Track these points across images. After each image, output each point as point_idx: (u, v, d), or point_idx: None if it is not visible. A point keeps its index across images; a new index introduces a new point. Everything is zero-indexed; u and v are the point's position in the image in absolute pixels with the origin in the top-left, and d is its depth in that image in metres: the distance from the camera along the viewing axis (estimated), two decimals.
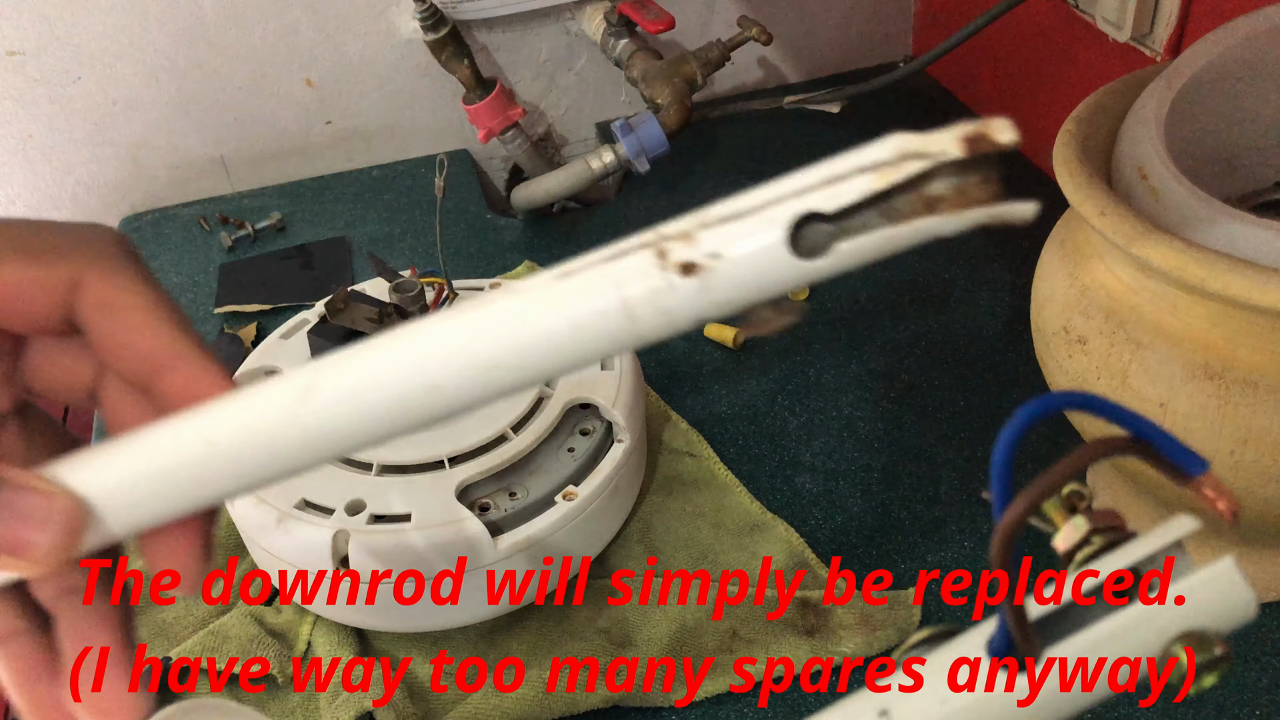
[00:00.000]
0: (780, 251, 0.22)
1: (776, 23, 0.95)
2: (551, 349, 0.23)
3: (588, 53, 0.92)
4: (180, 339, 0.26)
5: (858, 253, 0.22)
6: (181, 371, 0.26)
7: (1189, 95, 0.47)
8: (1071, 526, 0.27)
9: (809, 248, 0.22)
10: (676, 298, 0.23)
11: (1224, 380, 0.42)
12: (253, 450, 0.24)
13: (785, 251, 0.22)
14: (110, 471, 0.25)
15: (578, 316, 0.23)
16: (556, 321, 0.23)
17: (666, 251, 0.23)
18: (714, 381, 0.68)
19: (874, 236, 0.22)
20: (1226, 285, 0.39)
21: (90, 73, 0.82)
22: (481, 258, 0.80)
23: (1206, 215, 0.42)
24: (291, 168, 0.91)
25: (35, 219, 0.26)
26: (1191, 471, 0.23)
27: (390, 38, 0.87)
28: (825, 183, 0.22)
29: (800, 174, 0.23)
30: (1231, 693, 0.48)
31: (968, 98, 0.94)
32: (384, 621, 0.52)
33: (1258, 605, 0.25)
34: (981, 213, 0.22)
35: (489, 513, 0.51)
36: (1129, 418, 0.23)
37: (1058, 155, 0.47)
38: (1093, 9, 0.72)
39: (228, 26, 0.83)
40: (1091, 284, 0.46)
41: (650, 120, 0.76)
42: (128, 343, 0.25)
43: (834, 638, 0.50)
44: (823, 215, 0.22)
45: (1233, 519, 0.23)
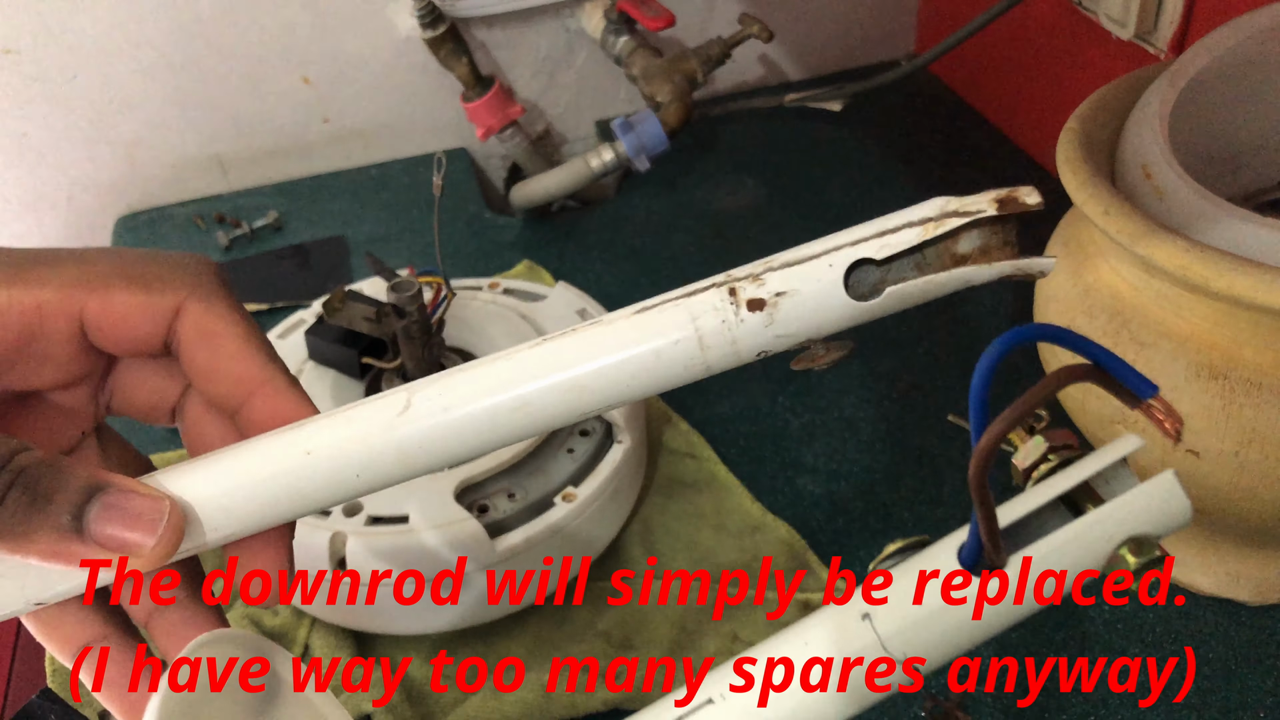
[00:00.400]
0: (837, 292, 0.25)
1: (778, 20, 0.95)
2: (630, 373, 0.26)
3: (587, 50, 0.92)
4: (270, 367, 0.29)
5: (904, 296, 0.25)
6: (270, 397, 0.28)
7: (1193, 93, 0.47)
8: (1031, 446, 0.30)
9: (862, 291, 0.25)
10: (744, 330, 0.25)
11: (1228, 380, 0.42)
12: (348, 461, 0.26)
13: (841, 292, 0.25)
14: (208, 480, 0.27)
15: (657, 345, 0.26)
16: (637, 349, 0.26)
17: (737, 290, 0.26)
18: (715, 382, 0.67)
19: (918, 283, 0.25)
20: (1231, 285, 0.39)
21: (86, 71, 0.82)
22: (480, 257, 0.80)
23: (1211, 214, 0.42)
24: (289, 166, 0.91)
25: (142, 249, 0.29)
26: (1142, 394, 0.26)
27: (388, 35, 0.87)
28: (877, 234, 0.25)
29: (856, 228, 0.26)
30: (1234, 694, 0.48)
31: (970, 96, 0.93)
32: (383, 623, 0.51)
33: (1192, 512, 0.28)
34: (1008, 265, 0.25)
35: (488, 514, 0.51)
36: (1089, 347, 0.26)
37: (1061, 154, 0.46)
38: (1096, 6, 0.72)
39: (224, 24, 0.83)
40: (1095, 283, 0.46)
41: (650, 118, 0.76)
42: (222, 368, 0.28)
43: None
44: (873, 261, 0.25)
45: (1176, 437, 0.26)
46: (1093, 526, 0.28)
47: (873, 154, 0.87)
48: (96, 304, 0.27)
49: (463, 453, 0.27)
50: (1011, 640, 0.51)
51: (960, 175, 0.84)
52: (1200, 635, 0.50)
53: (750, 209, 0.83)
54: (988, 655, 0.50)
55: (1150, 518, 0.28)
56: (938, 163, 0.86)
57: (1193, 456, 0.44)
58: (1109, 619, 0.51)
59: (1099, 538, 0.28)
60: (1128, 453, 0.28)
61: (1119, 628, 0.51)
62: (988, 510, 0.27)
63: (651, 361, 0.26)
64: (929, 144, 0.88)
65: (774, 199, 0.83)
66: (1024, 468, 0.31)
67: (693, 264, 0.77)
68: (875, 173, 0.85)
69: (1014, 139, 0.88)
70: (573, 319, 0.61)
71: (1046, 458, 0.30)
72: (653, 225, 0.81)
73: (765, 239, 0.79)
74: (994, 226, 0.25)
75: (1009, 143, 0.87)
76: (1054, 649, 0.50)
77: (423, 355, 0.56)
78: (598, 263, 0.78)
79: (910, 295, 0.25)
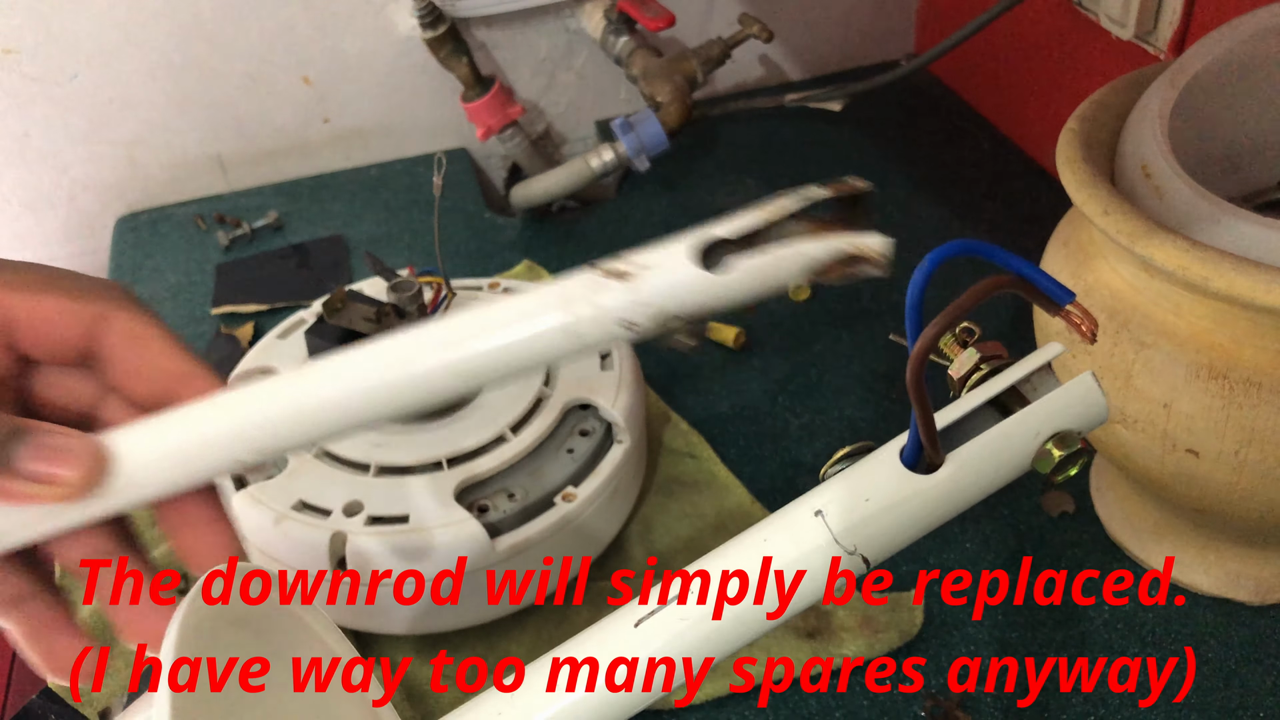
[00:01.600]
0: (690, 266, 0.29)
1: (777, 20, 0.95)
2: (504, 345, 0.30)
3: (587, 50, 0.92)
4: (196, 363, 0.31)
5: (751, 270, 0.29)
6: (196, 387, 0.31)
7: (1193, 93, 0.47)
8: (964, 357, 0.34)
9: (714, 265, 0.29)
10: (609, 298, 0.29)
11: (1228, 380, 0.42)
12: (258, 420, 0.30)
13: (693, 266, 0.29)
14: (129, 434, 0.30)
15: (530, 317, 0.29)
16: (511, 322, 0.30)
17: (604, 267, 0.30)
18: (714, 382, 0.67)
19: (763, 257, 0.29)
20: (1230, 285, 0.39)
21: (87, 71, 0.82)
22: (480, 257, 0.80)
23: (1210, 214, 0.42)
24: (289, 166, 0.91)
25: (64, 268, 0.32)
26: (1060, 301, 0.29)
27: (388, 35, 0.87)
28: (732, 220, 0.29)
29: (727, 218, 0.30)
30: (1234, 694, 0.48)
31: (970, 95, 0.93)
32: (383, 623, 0.51)
33: (1108, 411, 0.31)
34: (839, 240, 0.28)
35: (488, 514, 0.51)
36: (1012, 260, 0.29)
37: (1061, 154, 0.46)
38: (1096, 6, 0.72)
39: (225, 24, 0.83)
40: (1095, 283, 0.46)
41: (650, 118, 0.76)
42: (151, 365, 0.31)
43: (835, 639, 0.50)
44: (728, 242, 0.29)
45: (1091, 338, 0.29)
46: (1020, 424, 0.30)
47: (872, 154, 0.87)
48: (26, 307, 0.29)
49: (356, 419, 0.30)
50: (1011, 640, 0.51)
51: (960, 175, 0.84)
52: (1200, 635, 0.50)
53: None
54: (988, 655, 0.50)
55: (1072, 415, 0.30)
56: (937, 163, 0.86)
57: (1192, 456, 0.44)
58: (1109, 619, 0.51)
59: (1026, 434, 0.30)
60: (1051, 359, 0.31)
61: (1119, 628, 0.51)
62: (925, 412, 0.29)
63: (525, 330, 0.29)
64: (929, 144, 0.88)
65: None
66: (958, 377, 0.33)
67: None
68: (875, 173, 0.85)
69: (1013, 139, 0.88)
70: None
71: (979, 368, 0.33)
72: (653, 225, 0.81)
73: None
74: (831, 210, 0.28)
75: (1008, 143, 0.87)
76: (1054, 649, 0.50)
77: None
78: None
79: (758, 270, 0.29)
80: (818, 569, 0.31)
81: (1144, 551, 0.53)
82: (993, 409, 0.32)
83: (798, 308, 0.72)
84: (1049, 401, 0.30)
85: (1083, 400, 0.31)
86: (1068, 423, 0.30)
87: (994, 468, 0.31)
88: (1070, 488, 0.58)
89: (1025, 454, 0.30)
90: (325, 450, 0.54)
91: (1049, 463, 0.30)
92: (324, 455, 0.54)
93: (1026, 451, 0.30)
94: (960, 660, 0.50)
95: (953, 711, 0.48)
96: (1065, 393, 0.30)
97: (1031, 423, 0.30)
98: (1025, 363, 0.32)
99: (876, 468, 0.31)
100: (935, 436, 0.30)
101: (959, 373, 0.33)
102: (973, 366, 0.33)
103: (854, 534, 0.31)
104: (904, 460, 0.31)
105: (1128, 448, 0.46)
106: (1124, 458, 0.47)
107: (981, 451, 0.30)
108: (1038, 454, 0.30)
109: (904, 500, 0.31)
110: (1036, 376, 0.31)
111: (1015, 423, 0.30)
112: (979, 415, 0.32)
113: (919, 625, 0.51)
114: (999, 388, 0.31)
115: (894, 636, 0.50)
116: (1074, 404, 0.30)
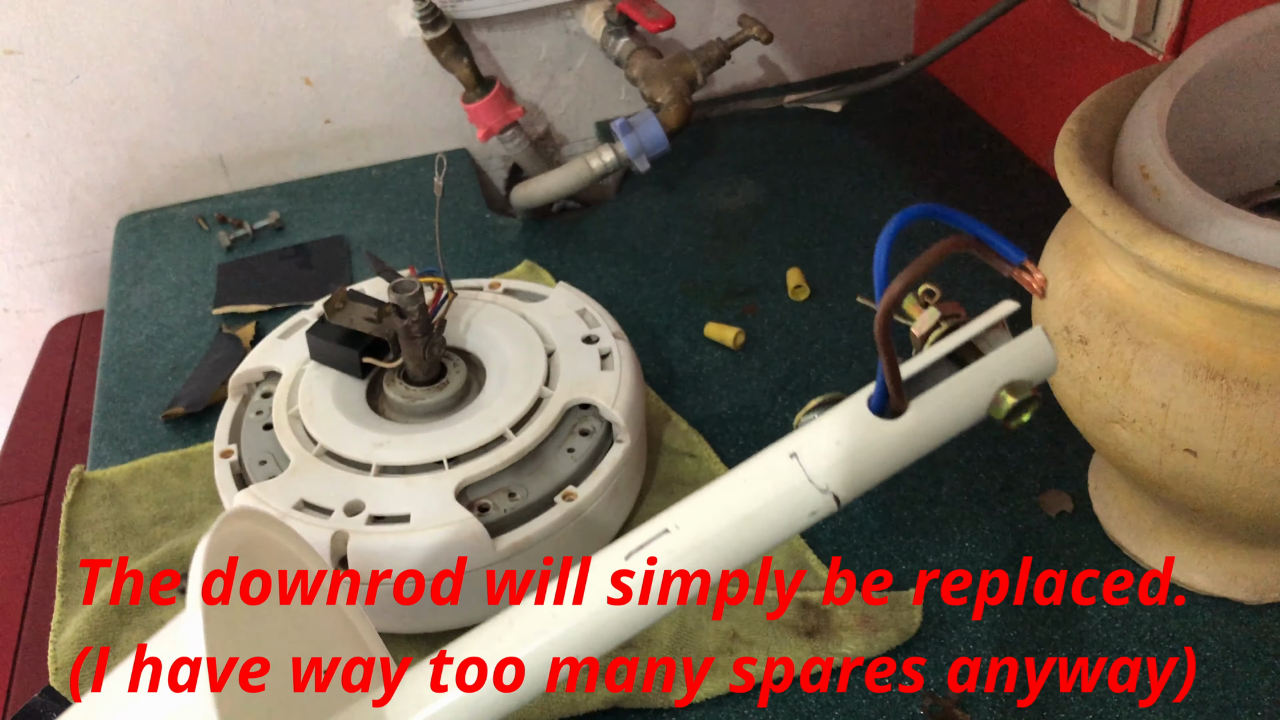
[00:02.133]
0: None
1: (777, 21, 0.95)
2: None
3: (587, 51, 0.92)
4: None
5: None
6: None
7: (1191, 94, 0.47)
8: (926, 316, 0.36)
9: None
10: None
11: (1226, 380, 0.42)
12: None
13: None
14: None
15: None
16: None
17: None
18: (714, 381, 0.67)
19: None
20: (1228, 285, 0.39)
21: (88, 72, 0.82)
22: (481, 257, 0.80)
23: (1208, 215, 0.42)
24: (290, 167, 0.91)
25: None
26: (1013, 260, 0.31)
27: (389, 36, 0.87)
28: None
29: None
30: (1234, 693, 0.48)
31: (969, 97, 0.94)
32: (383, 622, 0.51)
33: (1056, 361, 0.34)
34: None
35: (488, 513, 0.51)
36: (967, 221, 0.31)
37: (1059, 154, 0.47)
38: (1094, 7, 0.72)
39: (226, 25, 0.83)
40: (1093, 284, 0.46)
41: (650, 119, 0.76)
42: None
43: (835, 639, 0.50)
44: None
45: (1042, 293, 0.32)
46: (975, 374, 0.33)
47: (871, 155, 0.88)
48: None
49: None
50: (1011, 640, 0.51)
51: (958, 176, 0.84)
52: (1199, 634, 0.51)
53: (750, 209, 0.83)
54: (987, 655, 0.50)
55: (1023, 366, 0.33)
56: (936, 164, 0.86)
57: (1190, 456, 0.44)
58: (1108, 619, 0.51)
59: (981, 383, 0.33)
60: (1004, 315, 0.34)
61: (1118, 627, 0.51)
62: (891, 362, 0.32)
63: None
64: (927, 145, 0.89)
65: (774, 199, 0.84)
66: (920, 335, 0.36)
67: (693, 264, 0.77)
68: (874, 174, 0.85)
69: (1012, 140, 0.88)
70: (573, 319, 0.62)
71: (939, 325, 0.36)
72: (653, 225, 0.82)
73: (765, 239, 0.79)
74: None
75: (1007, 144, 0.87)
76: (1053, 649, 0.50)
77: (424, 355, 0.56)
78: (598, 263, 0.78)
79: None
80: (793, 506, 0.34)
81: (1143, 551, 0.53)
82: (951, 361, 0.34)
83: (798, 308, 0.72)
84: (1002, 354, 0.33)
85: (1033, 352, 0.33)
86: (1019, 373, 0.33)
87: (953, 413, 0.34)
88: (1070, 488, 0.58)
89: (981, 401, 0.33)
90: (327, 450, 0.54)
91: (1002, 409, 0.32)
92: (325, 455, 0.54)
93: (982, 399, 0.33)
94: (960, 660, 0.50)
95: (952, 711, 0.48)
96: (1017, 346, 0.33)
97: (986, 373, 0.33)
98: (981, 320, 0.34)
99: (846, 414, 0.34)
100: (900, 385, 0.33)
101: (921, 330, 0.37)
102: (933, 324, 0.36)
103: (826, 474, 0.34)
104: (871, 407, 0.34)
105: (1126, 447, 0.46)
106: (1122, 457, 0.47)
107: (941, 399, 0.33)
108: (992, 401, 0.33)
109: (871, 443, 0.33)
110: (991, 332, 0.34)
111: (971, 373, 0.33)
112: (939, 367, 0.34)
113: (918, 625, 0.51)
114: (957, 342, 0.34)
115: (893, 636, 0.50)
116: (1025, 356, 0.33)
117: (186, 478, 0.63)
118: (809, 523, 0.35)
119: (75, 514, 0.61)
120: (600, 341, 0.60)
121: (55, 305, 0.92)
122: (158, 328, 0.76)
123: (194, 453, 0.64)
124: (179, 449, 0.65)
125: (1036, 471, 0.59)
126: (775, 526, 0.34)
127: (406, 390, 0.57)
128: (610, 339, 0.60)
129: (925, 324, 0.37)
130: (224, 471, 0.55)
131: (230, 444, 0.57)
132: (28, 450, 0.74)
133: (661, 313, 0.73)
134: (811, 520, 0.35)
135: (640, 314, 0.73)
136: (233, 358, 0.70)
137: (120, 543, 0.59)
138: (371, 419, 0.56)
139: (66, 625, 0.55)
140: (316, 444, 0.54)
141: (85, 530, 0.60)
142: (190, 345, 0.74)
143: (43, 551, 0.65)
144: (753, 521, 0.34)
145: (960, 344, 0.34)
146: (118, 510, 0.61)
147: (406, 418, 0.57)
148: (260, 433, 0.57)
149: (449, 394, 0.57)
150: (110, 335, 0.76)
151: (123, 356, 0.73)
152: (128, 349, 0.74)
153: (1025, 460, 0.60)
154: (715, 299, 0.74)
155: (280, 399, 0.58)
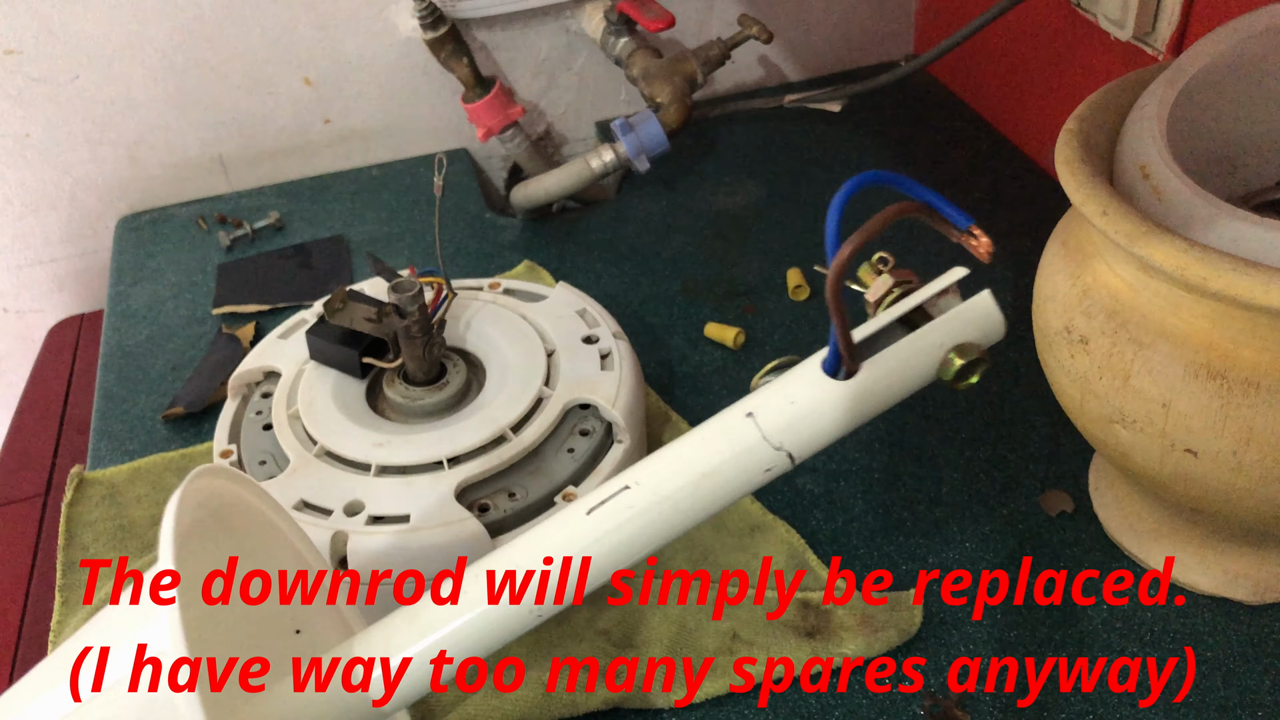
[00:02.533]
0: None
1: (777, 21, 0.95)
2: None
3: (587, 51, 0.92)
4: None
5: None
6: None
7: (1191, 94, 0.47)
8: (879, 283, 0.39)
9: None
10: None
11: (1226, 380, 0.42)
12: None
13: None
14: None
15: None
16: None
17: None
18: (714, 381, 0.67)
19: None
20: (1229, 285, 0.39)
21: (88, 72, 0.82)
22: (480, 257, 0.80)
23: (1209, 214, 0.42)
24: (290, 167, 0.91)
25: None
26: (960, 225, 0.33)
27: (389, 36, 0.87)
28: None
29: None
30: (1233, 693, 0.48)
31: (969, 96, 0.94)
32: None
33: (1005, 326, 0.35)
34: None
35: (488, 513, 0.51)
36: (916, 188, 0.33)
37: (1059, 154, 0.47)
38: (1095, 7, 0.72)
39: (226, 25, 0.83)
40: (1093, 284, 0.46)
41: (650, 119, 0.76)
42: None
43: (835, 639, 0.50)
44: None
45: (988, 258, 0.33)
46: (925, 336, 0.35)
47: (871, 155, 0.88)
48: None
49: None
50: (1011, 640, 0.51)
51: (958, 176, 0.84)
52: (1199, 634, 0.51)
53: (750, 209, 0.83)
54: (987, 655, 0.50)
55: (971, 329, 0.34)
56: (936, 164, 0.86)
57: (1191, 456, 0.44)
58: (1108, 619, 0.51)
59: (931, 345, 0.34)
60: (954, 281, 0.35)
61: (1118, 627, 0.51)
62: (843, 324, 0.33)
63: None
64: (927, 145, 0.88)
65: (774, 199, 0.83)
66: (874, 300, 0.38)
67: (693, 264, 0.77)
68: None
69: (1012, 140, 0.88)
70: (573, 319, 0.62)
71: (892, 291, 0.38)
72: (653, 225, 0.82)
73: (765, 239, 0.79)
74: None
75: (1007, 143, 0.87)
76: (1054, 649, 0.50)
77: (423, 355, 0.56)
78: (598, 263, 0.78)
79: None
80: (750, 464, 0.35)
81: (1143, 551, 0.53)
82: (903, 325, 0.35)
83: (798, 308, 0.72)
84: (951, 317, 0.34)
85: (981, 316, 0.35)
86: (967, 335, 0.34)
87: (903, 374, 0.35)
88: (1070, 488, 0.58)
89: (930, 362, 0.34)
90: (326, 450, 0.54)
91: (950, 370, 0.34)
92: (325, 455, 0.54)
93: (931, 360, 0.34)
94: (960, 660, 0.50)
95: (952, 711, 0.48)
96: (966, 309, 0.35)
97: (935, 335, 0.34)
98: (932, 285, 0.35)
99: (801, 375, 0.35)
100: (852, 346, 0.34)
101: (875, 296, 0.38)
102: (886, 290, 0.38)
103: (781, 433, 0.35)
104: (825, 369, 0.35)
105: (1126, 447, 0.46)
106: (1123, 457, 0.47)
107: (892, 360, 0.35)
108: (941, 362, 0.34)
109: (825, 402, 0.35)
110: (942, 297, 0.35)
111: (921, 335, 0.35)
112: (891, 330, 0.36)
113: (918, 625, 0.51)
114: (908, 307, 0.35)
115: (893, 636, 0.50)
116: (973, 319, 0.34)
117: None
118: (765, 479, 0.36)
119: (75, 514, 0.61)
120: (600, 341, 0.60)
121: (55, 305, 0.92)
122: (157, 328, 0.76)
123: (194, 453, 0.64)
124: (179, 449, 0.65)
125: (1036, 471, 0.59)
126: (732, 483, 0.36)
127: (406, 390, 0.57)
128: (610, 339, 0.60)
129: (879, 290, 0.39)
130: None
131: (230, 444, 0.57)
132: (27, 450, 0.74)
133: (661, 313, 0.73)
134: (768, 477, 0.36)
135: (640, 314, 0.73)
136: (232, 358, 0.70)
137: (120, 543, 0.59)
138: (371, 419, 0.56)
139: (66, 625, 0.55)
140: (316, 444, 0.54)
141: (85, 530, 0.60)
142: (190, 345, 0.74)
143: (42, 551, 0.65)
144: (711, 478, 0.36)
145: (911, 308, 0.35)
146: (117, 510, 0.61)
147: (406, 418, 0.57)
148: (260, 433, 0.57)
149: (449, 394, 0.57)
150: (110, 335, 0.76)
151: (122, 356, 0.73)
152: (127, 349, 0.74)
153: (1025, 460, 0.60)
154: (715, 299, 0.74)
155: (280, 399, 0.58)
